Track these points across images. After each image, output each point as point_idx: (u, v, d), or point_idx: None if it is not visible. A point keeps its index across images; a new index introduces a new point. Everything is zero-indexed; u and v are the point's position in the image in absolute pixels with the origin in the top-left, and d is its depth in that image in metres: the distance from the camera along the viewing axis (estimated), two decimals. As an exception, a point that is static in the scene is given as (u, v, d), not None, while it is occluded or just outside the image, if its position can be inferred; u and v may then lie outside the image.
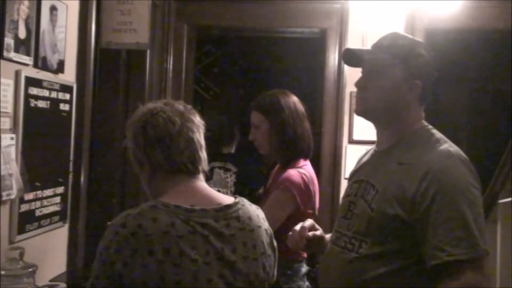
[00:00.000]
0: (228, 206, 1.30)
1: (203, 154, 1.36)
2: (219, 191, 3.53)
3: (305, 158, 2.17)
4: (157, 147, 1.31)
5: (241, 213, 1.32)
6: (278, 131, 2.13)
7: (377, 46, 1.52)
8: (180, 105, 1.37)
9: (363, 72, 1.54)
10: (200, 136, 1.36)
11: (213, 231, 1.24)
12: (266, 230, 1.37)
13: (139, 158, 1.34)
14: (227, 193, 3.23)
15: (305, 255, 2.12)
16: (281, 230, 1.99)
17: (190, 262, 1.19)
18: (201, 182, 1.35)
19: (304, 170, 2.11)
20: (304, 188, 2.06)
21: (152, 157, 1.31)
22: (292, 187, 2.03)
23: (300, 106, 2.19)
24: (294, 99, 2.20)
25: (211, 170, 3.32)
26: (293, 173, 2.07)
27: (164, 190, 1.31)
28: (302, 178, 2.07)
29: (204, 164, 1.37)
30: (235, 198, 1.36)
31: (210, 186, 4.01)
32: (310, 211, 2.09)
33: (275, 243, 1.41)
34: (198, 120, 1.38)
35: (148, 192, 1.38)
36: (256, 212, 1.38)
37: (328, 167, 3.14)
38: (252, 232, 1.32)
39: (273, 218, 1.99)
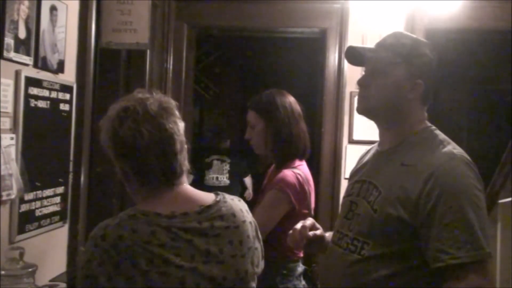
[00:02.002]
0: (210, 207, 1.27)
1: (181, 158, 1.28)
2: (217, 177, 4.39)
3: (301, 159, 2.17)
4: (126, 161, 1.26)
5: (224, 210, 1.28)
6: (273, 130, 2.13)
7: (380, 44, 1.51)
8: (155, 103, 1.26)
9: (365, 71, 1.53)
10: (175, 143, 1.26)
11: (197, 234, 1.21)
12: (250, 223, 1.35)
13: (113, 161, 1.31)
14: (223, 179, 4.45)
15: (301, 254, 2.13)
16: (276, 230, 2.00)
17: (176, 269, 1.16)
18: (181, 186, 1.29)
19: (299, 170, 2.11)
20: (299, 188, 2.06)
21: (123, 167, 1.28)
22: (287, 187, 2.03)
23: (296, 107, 2.19)
24: (291, 99, 2.20)
25: (211, 161, 4.44)
26: (288, 173, 2.07)
27: (143, 196, 1.27)
28: (297, 178, 2.07)
29: (183, 167, 1.29)
30: (216, 195, 1.32)
31: (210, 174, 4.45)
32: (306, 211, 2.09)
33: (260, 234, 1.39)
34: (173, 121, 1.26)
35: (129, 193, 1.34)
36: (239, 206, 1.34)
37: (328, 167, 3.14)
38: (238, 228, 1.29)
39: (268, 218, 2.00)
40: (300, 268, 2.13)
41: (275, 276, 2.04)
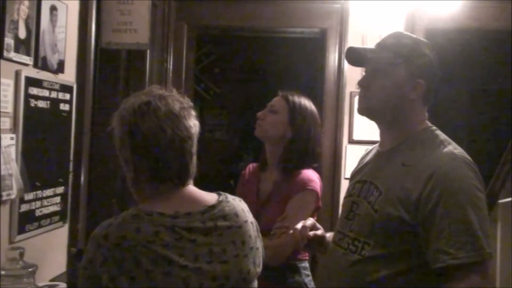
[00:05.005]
0: (213, 207, 1.26)
1: (193, 162, 1.28)
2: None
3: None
4: (143, 156, 1.23)
5: (227, 210, 1.27)
6: (294, 129, 2.10)
7: (380, 45, 1.51)
8: (176, 102, 1.26)
9: (366, 71, 1.53)
10: (193, 144, 1.26)
11: (200, 234, 1.20)
12: (252, 223, 1.34)
13: (124, 156, 1.26)
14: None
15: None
16: None
17: (180, 269, 1.15)
18: (187, 187, 1.28)
19: (310, 169, 2.13)
20: (320, 184, 2.10)
21: (137, 163, 1.24)
22: (316, 186, 2.07)
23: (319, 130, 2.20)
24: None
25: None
26: (309, 172, 2.09)
27: (147, 194, 1.26)
28: (316, 175, 2.11)
29: (193, 172, 1.28)
30: (219, 195, 1.31)
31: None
32: (321, 204, 2.12)
33: (260, 234, 1.38)
34: (193, 123, 1.27)
35: (131, 190, 1.31)
36: (241, 206, 1.33)
37: (328, 167, 3.14)
38: (240, 228, 1.28)
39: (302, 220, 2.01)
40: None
41: (304, 278, 2.05)
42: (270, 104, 2.18)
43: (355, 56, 1.54)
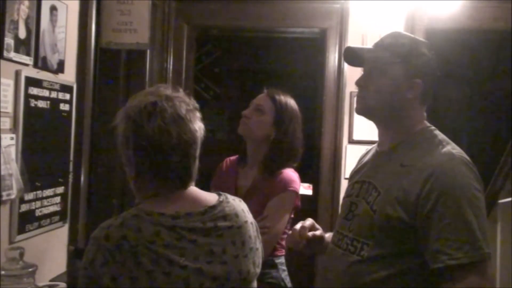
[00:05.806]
0: (213, 207, 1.26)
1: (195, 166, 1.28)
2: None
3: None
4: (146, 157, 1.22)
5: (227, 210, 1.28)
6: (279, 130, 2.11)
7: (378, 44, 1.51)
8: (183, 104, 1.25)
9: (364, 71, 1.53)
10: (197, 148, 1.27)
11: (201, 234, 1.21)
12: (252, 223, 1.34)
13: (127, 155, 1.26)
14: None
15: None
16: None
17: (180, 270, 1.15)
18: (188, 188, 1.28)
19: (291, 168, 2.15)
20: (299, 183, 2.12)
21: (139, 163, 1.24)
22: (297, 186, 2.09)
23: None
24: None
25: None
26: (290, 172, 2.11)
27: (148, 194, 1.26)
28: (297, 175, 2.13)
29: (195, 175, 1.28)
30: (219, 196, 1.31)
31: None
32: (299, 203, 2.14)
33: (260, 235, 1.39)
34: (198, 126, 1.27)
35: (132, 188, 1.31)
36: (241, 207, 1.33)
37: (328, 167, 3.14)
38: (240, 228, 1.28)
39: (283, 221, 2.04)
40: None
41: (282, 274, 2.08)
42: (256, 103, 2.17)
43: (353, 56, 1.55)
